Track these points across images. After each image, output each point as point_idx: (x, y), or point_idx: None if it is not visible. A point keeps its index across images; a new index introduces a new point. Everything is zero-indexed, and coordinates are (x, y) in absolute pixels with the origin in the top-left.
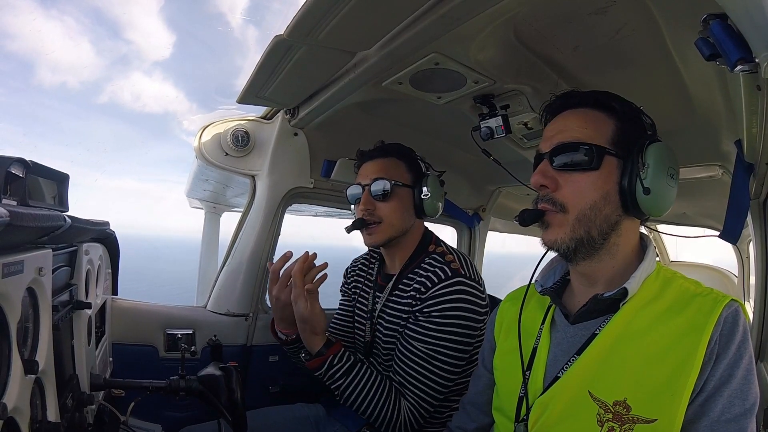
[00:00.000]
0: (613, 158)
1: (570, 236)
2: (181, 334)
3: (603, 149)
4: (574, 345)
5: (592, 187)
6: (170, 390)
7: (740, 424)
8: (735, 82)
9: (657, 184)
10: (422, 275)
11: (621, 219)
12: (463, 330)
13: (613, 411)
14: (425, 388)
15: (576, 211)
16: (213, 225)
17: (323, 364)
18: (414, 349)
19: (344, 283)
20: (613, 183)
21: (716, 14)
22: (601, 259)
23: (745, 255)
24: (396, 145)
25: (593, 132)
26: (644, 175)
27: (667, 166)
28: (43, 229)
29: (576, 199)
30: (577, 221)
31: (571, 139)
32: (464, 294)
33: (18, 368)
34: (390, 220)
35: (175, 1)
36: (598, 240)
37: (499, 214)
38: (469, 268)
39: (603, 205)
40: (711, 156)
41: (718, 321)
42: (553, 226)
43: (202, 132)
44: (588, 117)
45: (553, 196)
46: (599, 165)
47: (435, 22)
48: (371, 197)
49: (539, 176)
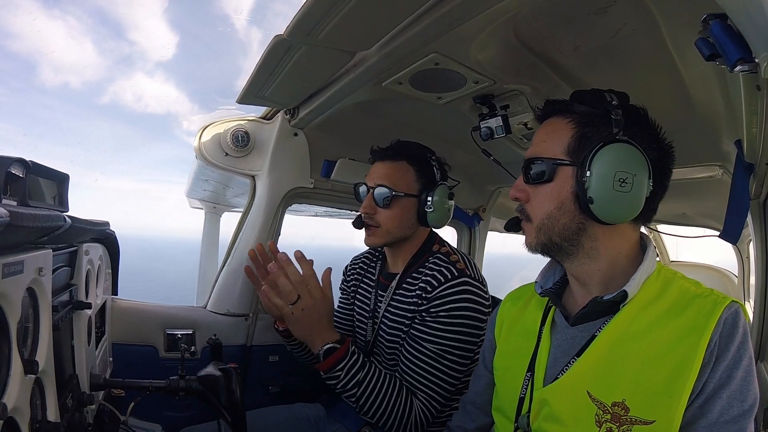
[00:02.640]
0: (567, 168)
1: (536, 242)
2: (181, 334)
3: (554, 161)
4: (573, 346)
5: (548, 198)
6: (170, 390)
7: (739, 425)
8: (735, 82)
9: (602, 192)
10: (427, 274)
11: (586, 225)
12: (470, 329)
13: (611, 412)
14: (436, 387)
15: (537, 221)
16: (213, 225)
17: (342, 358)
18: (423, 349)
19: (343, 281)
20: (567, 192)
21: (716, 14)
22: (581, 262)
23: (745, 255)
24: (411, 146)
25: (551, 143)
26: (587, 184)
27: (614, 171)
28: (43, 229)
29: (537, 210)
30: (538, 229)
31: (532, 155)
32: (470, 294)
33: (18, 368)
34: (387, 227)
35: (179, 3)
36: (564, 245)
37: (499, 214)
38: (473, 268)
39: (559, 214)
40: (711, 156)
41: (717, 323)
42: (525, 232)
43: (202, 132)
44: (550, 128)
45: (524, 207)
46: (552, 177)
47: (435, 22)
48: (373, 201)
49: (513, 190)
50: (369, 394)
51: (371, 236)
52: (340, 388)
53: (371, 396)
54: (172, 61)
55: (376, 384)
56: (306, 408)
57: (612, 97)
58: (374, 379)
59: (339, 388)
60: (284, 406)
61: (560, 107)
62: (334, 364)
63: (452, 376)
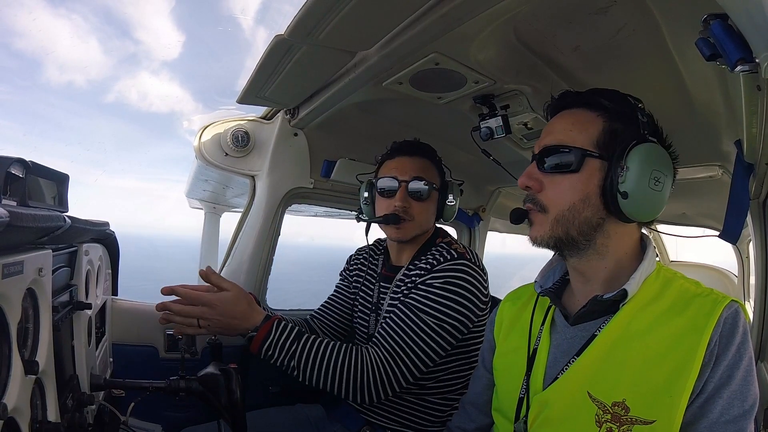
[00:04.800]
0: (596, 160)
1: (549, 235)
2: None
3: (584, 151)
4: (573, 346)
5: (572, 190)
6: (170, 390)
7: (739, 425)
8: (735, 82)
9: (637, 189)
10: (428, 260)
11: (605, 221)
12: (462, 308)
13: (611, 412)
14: (413, 356)
15: (555, 211)
16: (213, 225)
17: (269, 333)
18: (408, 311)
19: (346, 268)
20: (594, 185)
21: (716, 14)
22: (589, 258)
23: (744, 255)
24: (428, 146)
25: (578, 134)
26: (623, 179)
27: (651, 170)
28: (43, 230)
29: (555, 201)
30: (556, 221)
31: (554, 142)
32: (467, 275)
33: (18, 369)
34: (420, 220)
35: (184, 3)
36: (579, 240)
37: (499, 214)
38: (474, 255)
39: (582, 207)
40: (711, 156)
41: (718, 322)
42: (535, 224)
43: (202, 132)
44: (576, 118)
45: (536, 197)
46: (579, 168)
47: (435, 22)
48: (407, 194)
49: (524, 178)
50: (311, 364)
51: (402, 230)
52: (281, 365)
53: (313, 365)
54: (177, 60)
55: (317, 352)
56: (306, 408)
57: (634, 99)
58: (312, 348)
59: (280, 365)
60: (284, 406)
61: (588, 99)
62: (259, 346)
63: (434, 350)
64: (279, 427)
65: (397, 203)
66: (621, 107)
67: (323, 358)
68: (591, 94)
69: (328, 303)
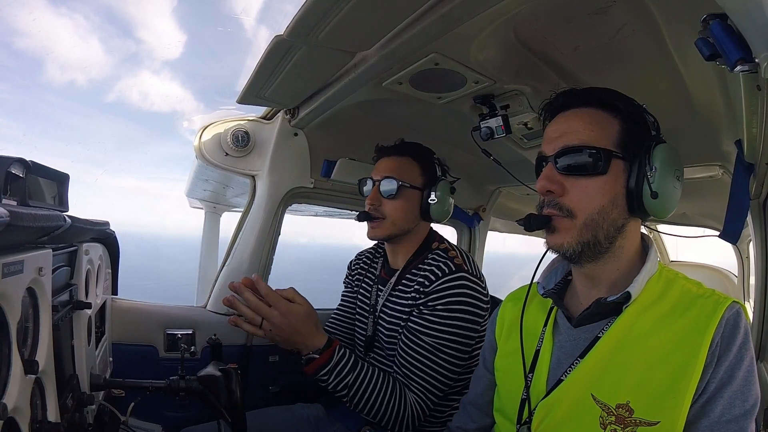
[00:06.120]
0: (620, 161)
1: (577, 240)
2: (181, 334)
3: (610, 153)
4: (577, 348)
5: (600, 192)
6: (170, 390)
7: (740, 425)
8: (735, 82)
9: (665, 187)
10: (426, 270)
11: (627, 222)
12: (467, 324)
13: (615, 414)
14: (431, 380)
15: (584, 216)
16: (213, 225)
17: (325, 364)
18: (420, 341)
19: (348, 275)
20: (620, 187)
21: (716, 14)
22: (606, 262)
23: (745, 255)
24: (414, 145)
25: (599, 134)
26: (652, 178)
27: (674, 168)
28: (43, 229)
29: (584, 204)
30: (585, 226)
31: (577, 142)
32: (467, 289)
33: (18, 368)
34: (393, 218)
35: (186, 3)
36: (604, 243)
37: (499, 214)
38: (472, 264)
39: (611, 209)
40: (711, 156)
41: (719, 323)
42: (560, 230)
43: (202, 132)
44: (593, 118)
45: (560, 201)
46: (607, 169)
47: (435, 22)
48: (379, 193)
49: (545, 181)
50: (361, 394)
51: (375, 228)
52: (331, 389)
53: (363, 396)
54: (178, 60)
55: (368, 384)
56: (306, 408)
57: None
58: (365, 379)
59: (330, 389)
60: (284, 406)
61: (603, 98)
62: (317, 370)
63: (449, 370)
64: (279, 427)
65: (368, 201)
66: (631, 108)
67: (372, 393)
68: (609, 93)
69: (336, 315)
